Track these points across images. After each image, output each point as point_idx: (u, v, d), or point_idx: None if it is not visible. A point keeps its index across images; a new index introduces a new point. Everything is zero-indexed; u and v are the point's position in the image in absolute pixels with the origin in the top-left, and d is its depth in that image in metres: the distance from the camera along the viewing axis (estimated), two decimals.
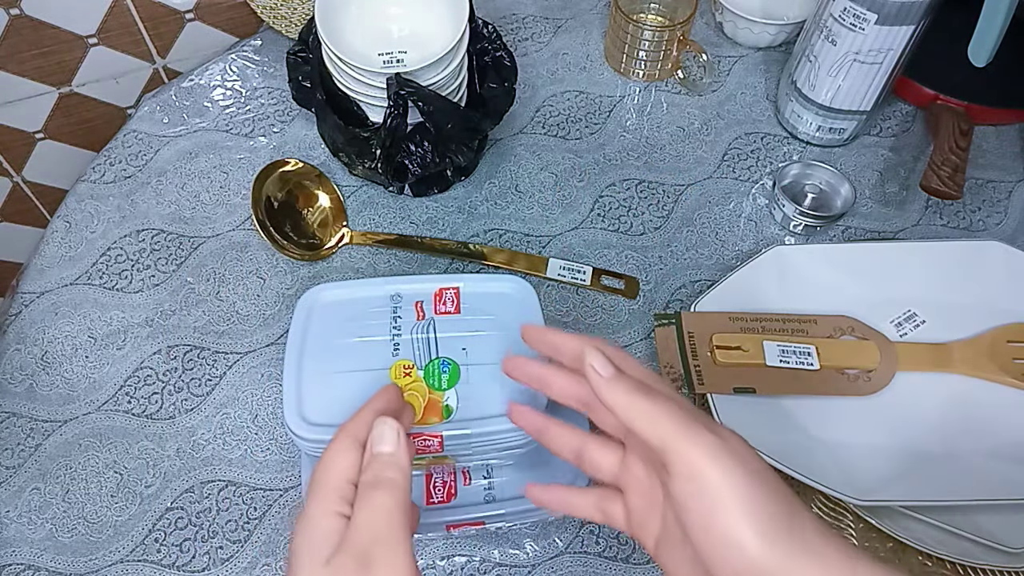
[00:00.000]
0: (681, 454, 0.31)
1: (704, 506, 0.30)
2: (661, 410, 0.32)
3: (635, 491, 0.36)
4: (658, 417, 0.31)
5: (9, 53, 0.71)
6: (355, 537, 0.32)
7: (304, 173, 0.68)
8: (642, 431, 0.32)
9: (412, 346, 0.46)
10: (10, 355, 0.60)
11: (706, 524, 0.30)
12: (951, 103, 0.71)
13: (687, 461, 0.30)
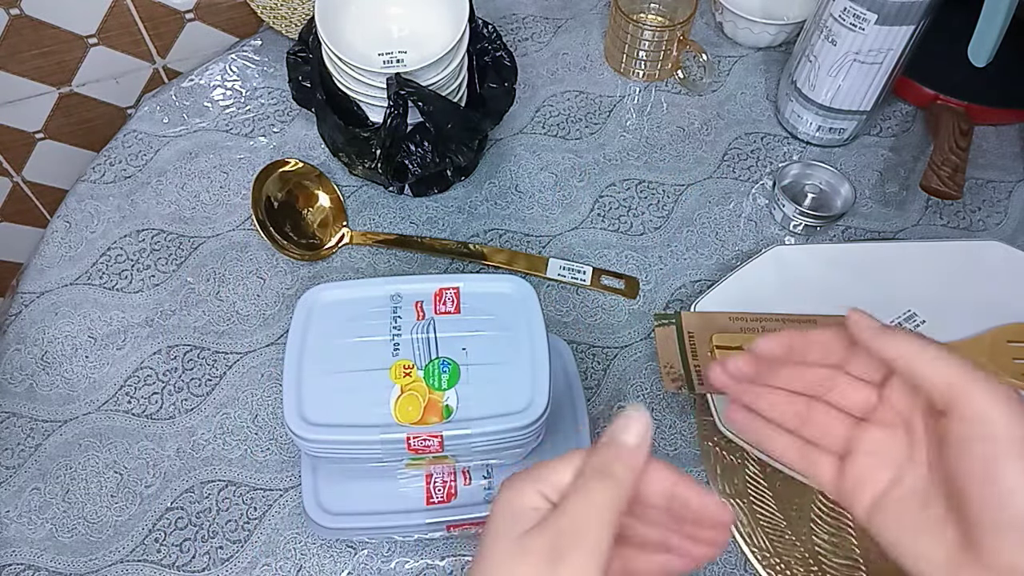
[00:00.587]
0: (971, 396, 0.31)
1: (989, 450, 0.30)
2: (947, 355, 0.32)
3: (866, 449, 0.36)
4: (945, 362, 0.32)
5: (9, 53, 0.71)
6: (558, 522, 0.30)
7: (304, 173, 0.68)
8: (928, 376, 0.32)
9: (412, 346, 0.46)
10: (10, 355, 0.60)
11: (987, 469, 0.30)
12: (951, 103, 0.71)
13: (977, 404, 0.31)
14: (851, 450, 0.36)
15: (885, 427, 0.36)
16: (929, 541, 0.33)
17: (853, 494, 0.36)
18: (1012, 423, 0.30)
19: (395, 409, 0.44)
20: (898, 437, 0.35)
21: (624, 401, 0.59)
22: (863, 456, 0.36)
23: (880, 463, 0.35)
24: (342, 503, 0.50)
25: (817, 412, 0.38)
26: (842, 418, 0.37)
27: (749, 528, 0.53)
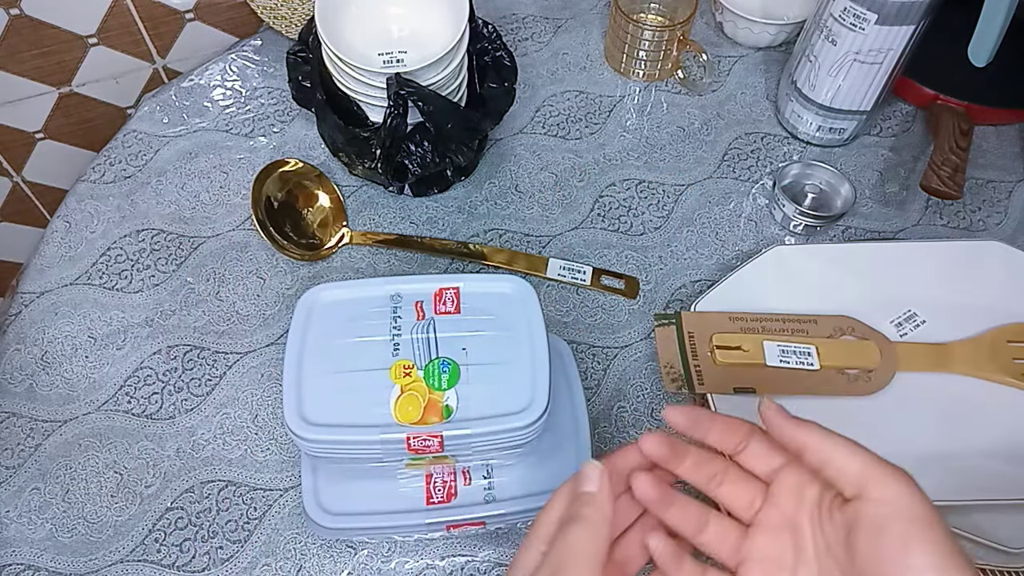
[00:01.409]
0: (884, 481, 0.33)
1: (905, 529, 0.32)
2: (855, 445, 0.34)
3: (757, 558, 0.37)
4: (855, 450, 0.34)
5: (9, 53, 0.71)
6: (543, 567, 0.34)
7: (304, 173, 0.68)
8: (840, 463, 0.34)
9: (412, 346, 0.46)
10: (10, 355, 0.60)
11: (905, 545, 0.31)
12: (951, 103, 0.71)
13: (891, 488, 0.33)
14: (743, 560, 0.37)
15: (771, 531, 0.37)
16: None
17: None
18: (922, 504, 0.32)
19: (395, 409, 0.44)
20: (784, 540, 0.36)
21: (624, 401, 0.59)
22: (755, 565, 0.37)
23: (772, 569, 0.36)
24: (342, 503, 0.50)
25: (711, 521, 0.38)
26: (732, 527, 0.38)
27: None
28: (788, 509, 0.36)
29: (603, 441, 0.57)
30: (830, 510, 0.35)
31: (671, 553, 0.37)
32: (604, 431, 0.58)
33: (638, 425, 0.58)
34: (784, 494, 0.37)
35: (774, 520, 0.37)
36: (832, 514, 0.35)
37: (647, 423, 0.58)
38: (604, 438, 0.58)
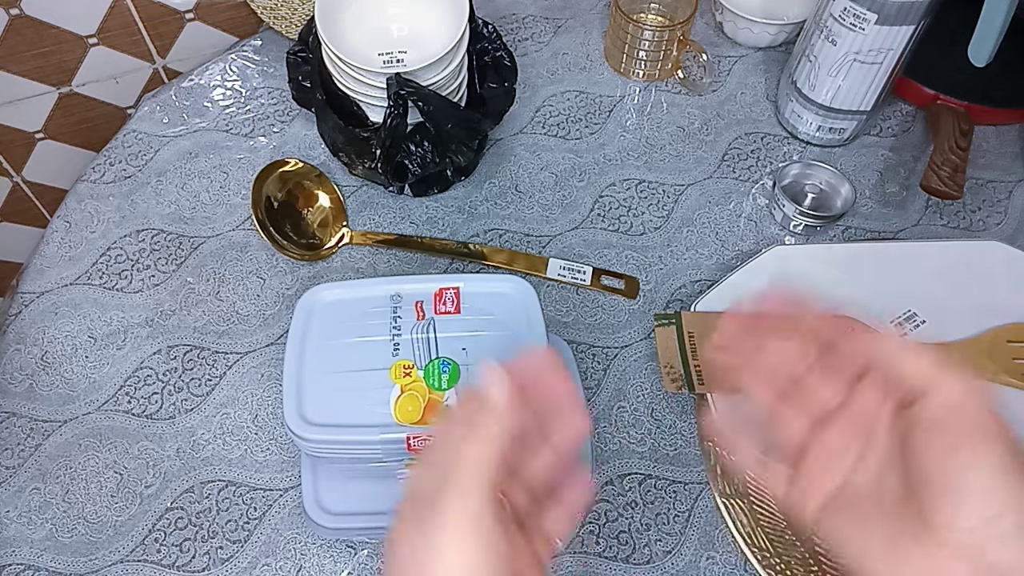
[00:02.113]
0: (945, 382, 0.33)
1: (959, 428, 0.32)
2: (925, 349, 0.34)
3: (819, 453, 0.37)
4: (923, 353, 0.34)
5: (9, 53, 0.71)
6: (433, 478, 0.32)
7: (304, 173, 0.68)
8: (909, 365, 0.34)
9: (412, 346, 0.46)
10: (10, 355, 0.60)
11: (956, 444, 0.32)
12: (951, 103, 0.71)
13: (950, 389, 0.33)
14: (804, 454, 0.37)
15: (842, 429, 0.37)
16: (875, 530, 0.34)
17: (804, 498, 0.37)
18: (981, 409, 0.32)
19: (395, 409, 0.44)
20: (851, 440, 0.36)
21: (624, 401, 0.59)
22: (815, 460, 0.37)
23: (832, 467, 0.36)
24: (342, 503, 0.50)
25: (782, 410, 0.39)
26: (803, 420, 0.38)
27: (749, 528, 0.53)
28: (864, 413, 0.36)
29: (603, 441, 0.57)
30: (898, 417, 0.35)
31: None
32: (604, 431, 0.58)
33: (638, 425, 0.58)
34: (864, 399, 0.36)
35: (847, 420, 0.37)
36: (898, 419, 0.35)
37: (647, 423, 0.58)
38: (604, 438, 0.58)
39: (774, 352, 0.39)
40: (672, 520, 0.55)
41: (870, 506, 0.35)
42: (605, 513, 0.55)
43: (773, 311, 0.39)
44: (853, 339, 0.37)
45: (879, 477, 0.35)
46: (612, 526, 0.54)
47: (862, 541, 0.34)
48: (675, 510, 0.55)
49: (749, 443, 0.39)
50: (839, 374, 0.38)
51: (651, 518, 0.55)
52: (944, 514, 0.31)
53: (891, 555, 0.33)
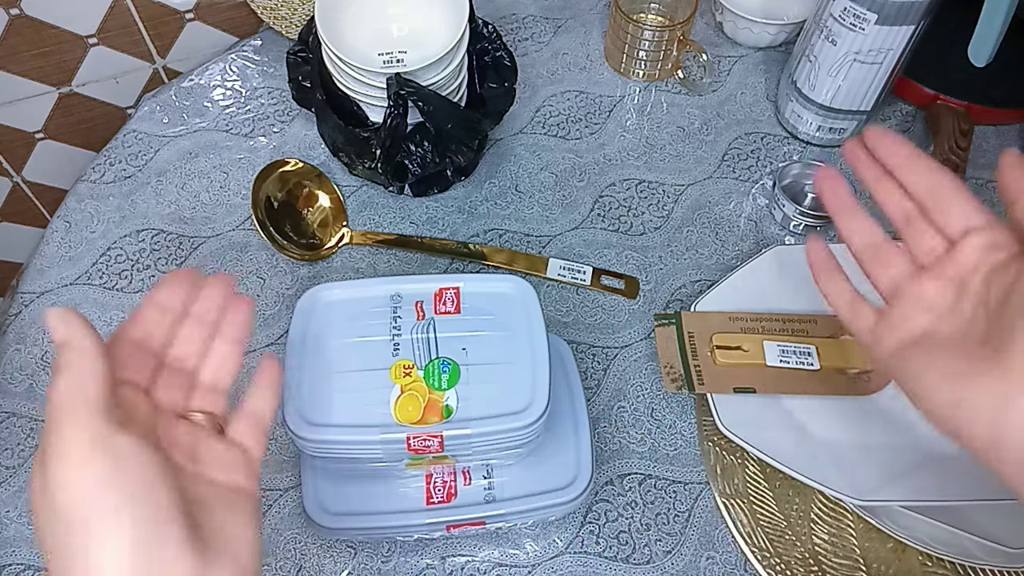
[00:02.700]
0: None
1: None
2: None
3: (913, 296, 0.38)
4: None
5: (9, 53, 0.71)
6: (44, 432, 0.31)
7: (304, 173, 0.68)
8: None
9: (412, 346, 0.46)
10: (10, 355, 0.60)
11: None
12: (951, 103, 0.71)
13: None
14: (899, 296, 0.38)
15: (940, 279, 0.37)
16: (944, 360, 0.34)
17: (887, 336, 0.38)
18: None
19: (395, 409, 0.44)
20: (948, 291, 0.37)
21: (624, 401, 0.59)
22: (908, 304, 0.38)
23: (922, 311, 0.37)
24: (342, 503, 0.50)
25: (886, 248, 0.40)
26: (905, 260, 0.39)
27: (749, 528, 0.53)
28: (966, 266, 0.37)
29: (603, 441, 0.57)
30: (1005, 272, 0.35)
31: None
32: (604, 431, 0.58)
33: (638, 425, 0.58)
34: (969, 252, 0.37)
35: (948, 272, 0.37)
36: (1005, 274, 0.35)
37: (647, 423, 0.58)
38: (604, 438, 0.58)
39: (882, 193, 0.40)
40: (672, 520, 0.55)
41: (949, 347, 0.35)
42: (605, 513, 0.55)
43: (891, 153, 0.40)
44: (962, 197, 0.37)
45: (968, 325, 0.35)
46: (612, 526, 0.54)
47: (930, 375, 0.34)
48: (675, 510, 0.55)
49: (842, 282, 0.41)
50: (947, 226, 0.38)
51: (651, 518, 0.55)
52: (1020, 343, 0.31)
53: (957, 384, 0.33)
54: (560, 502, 0.50)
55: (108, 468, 0.29)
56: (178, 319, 0.38)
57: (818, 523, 0.53)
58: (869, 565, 0.52)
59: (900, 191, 0.40)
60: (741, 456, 0.56)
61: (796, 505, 0.54)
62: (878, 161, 0.41)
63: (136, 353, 0.36)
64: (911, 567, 0.51)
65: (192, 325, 0.38)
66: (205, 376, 0.38)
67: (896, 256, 0.39)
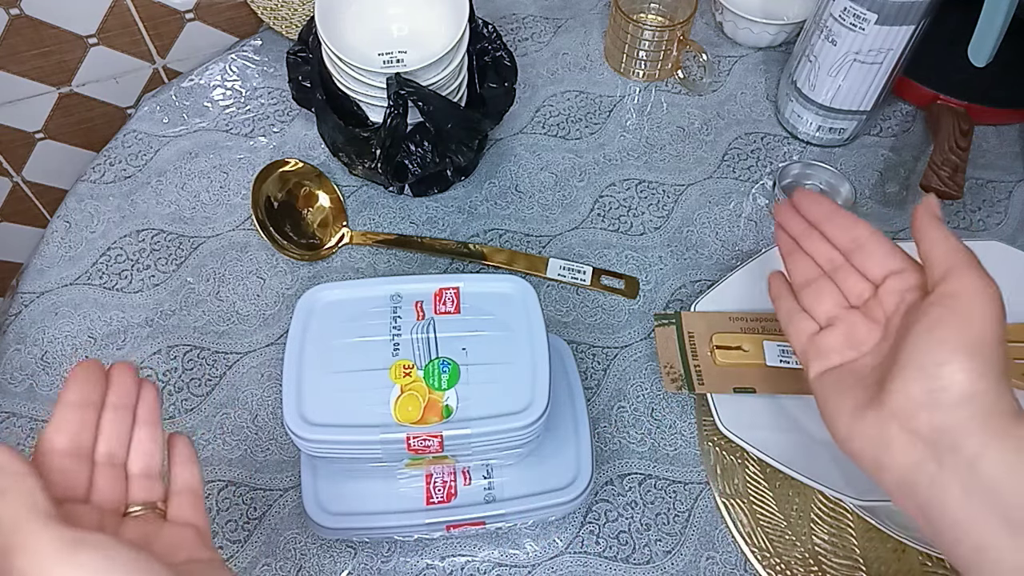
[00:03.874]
0: (959, 277, 0.35)
1: (937, 312, 0.34)
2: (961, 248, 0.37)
3: (843, 329, 0.41)
4: (956, 244, 0.37)
5: (9, 53, 0.71)
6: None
7: (304, 173, 0.68)
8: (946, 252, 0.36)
9: (412, 346, 0.46)
10: (10, 355, 0.60)
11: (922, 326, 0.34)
12: (951, 103, 0.71)
13: (961, 282, 0.35)
14: (831, 325, 0.41)
15: (868, 319, 0.40)
16: (851, 399, 0.37)
17: (814, 359, 0.41)
18: (982, 305, 0.34)
19: (395, 409, 0.44)
20: (874, 330, 0.40)
21: (624, 401, 0.59)
22: (838, 334, 0.40)
23: (850, 343, 0.40)
24: (342, 503, 0.50)
25: (821, 283, 0.43)
26: (837, 297, 0.42)
27: (749, 528, 0.53)
28: (889, 308, 0.39)
29: (603, 441, 0.57)
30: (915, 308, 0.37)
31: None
32: (604, 431, 0.58)
33: (638, 425, 0.58)
34: (889, 295, 0.39)
35: (876, 314, 0.40)
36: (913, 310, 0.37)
37: (647, 423, 0.58)
38: (604, 438, 0.58)
39: (811, 244, 0.43)
40: (672, 520, 0.55)
41: (859, 382, 0.38)
42: (605, 513, 0.55)
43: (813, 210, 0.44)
44: (881, 245, 0.40)
45: (882, 362, 0.37)
46: (612, 526, 0.54)
47: (837, 406, 0.38)
48: (675, 510, 0.55)
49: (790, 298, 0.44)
50: (869, 271, 0.41)
51: (651, 518, 0.55)
52: (896, 381, 0.34)
53: (852, 418, 0.36)
54: (560, 502, 0.50)
55: (98, 558, 0.29)
56: (95, 414, 0.37)
57: (818, 523, 0.53)
58: (869, 565, 0.52)
59: (826, 243, 0.43)
60: (741, 456, 0.56)
61: (796, 505, 0.54)
62: (805, 218, 0.44)
63: (68, 462, 0.36)
64: (911, 567, 0.51)
65: (111, 417, 0.37)
66: (135, 466, 0.38)
67: (833, 292, 0.42)
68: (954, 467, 0.32)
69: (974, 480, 0.31)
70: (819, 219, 0.43)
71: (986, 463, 0.31)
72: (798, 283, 0.44)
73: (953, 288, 0.35)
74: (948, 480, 0.32)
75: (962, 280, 0.35)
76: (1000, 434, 0.32)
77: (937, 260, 0.36)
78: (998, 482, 0.31)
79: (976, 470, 0.31)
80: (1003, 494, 0.31)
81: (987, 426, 0.32)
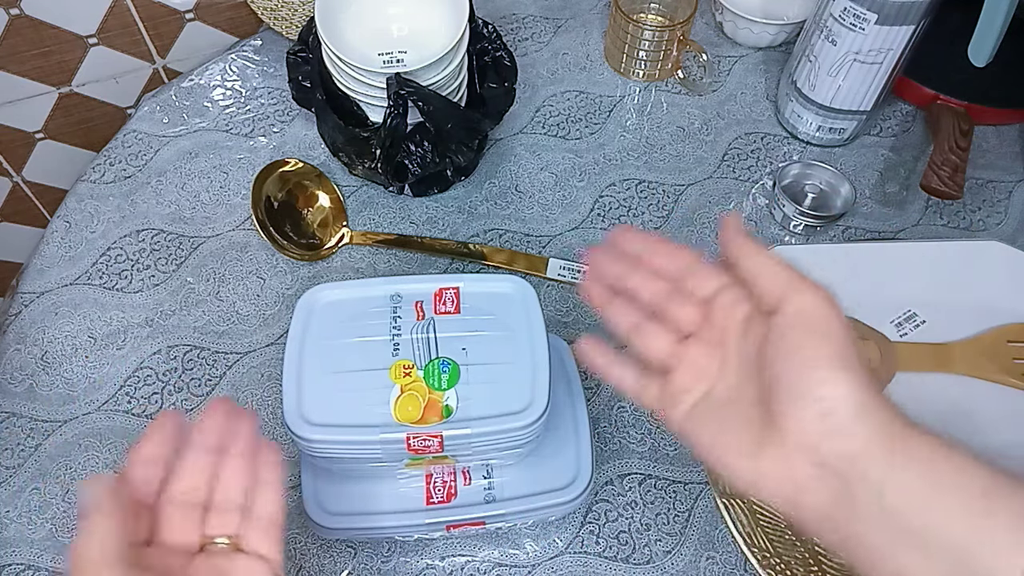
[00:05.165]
0: (798, 294, 0.35)
1: (797, 335, 0.34)
2: (781, 262, 0.37)
3: (686, 365, 0.39)
4: (782, 266, 0.36)
5: (9, 53, 0.71)
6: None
7: (304, 173, 0.68)
8: (767, 277, 0.36)
9: (412, 346, 0.46)
10: (10, 355, 0.60)
11: (787, 351, 0.34)
12: (951, 103, 0.71)
13: (803, 300, 0.35)
14: (673, 366, 0.39)
15: (705, 344, 0.39)
16: (734, 432, 0.36)
17: (671, 408, 0.39)
18: (829, 316, 0.34)
19: (395, 409, 0.44)
20: (715, 354, 0.38)
21: (624, 401, 0.59)
22: (682, 371, 0.39)
23: (697, 376, 0.39)
24: (342, 503, 0.50)
25: (646, 325, 0.41)
26: (667, 333, 0.40)
27: (749, 528, 0.53)
28: (722, 326, 0.38)
29: (603, 441, 0.57)
30: (752, 325, 0.37)
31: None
32: (604, 431, 0.58)
33: (638, 425, 0.58)
34: (719, 311, 0.38)
35: (709, 335, 0.39)
36: (753, 329, 0.37)
37: (647, 423, 0.58)
38: (604, 438, 0.58)
39: (634, 280, 0.41)
40: (672, 520, 0.55)
41: (731, 411, 0.37)
42: (605, 513, 0.55)
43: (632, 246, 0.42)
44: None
45: (738, 385, 0.37)
46: (612, 526, 0.54)
47: (724, 443, 0.36)
48: (675, 510, 0.55)
49: (623, 367, 0.41)
50: (697, 295, 0.40)
51: (651, 518, 0.55)
52: (785, 414, 0.33)
53: (751, 454, 0.35)
54: (560, 502, 0.50)
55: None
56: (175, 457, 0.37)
57: None
58: None
59: (651, 279, 0.41)
60: None
61: None
62: (626, 255, 0.42)
63: (144, 501, 0.36)
64: None
65: (195, 456, 0.37)
66: (217, 499, 0.37)
67: (661, 330, 0.40)
68: (866, 496, 0.32)
69: (884, 506, 0.31)
70: (643, 253, 0.41)
71: (891, 489, 0.31)
72: (626, 330, 0.41)
73: (798, 307, 0.34)
74: (864, 510, 0.32)
75: (804, 297, 0.35)
76: (900, 453, 0.32)
77: (767, 283, 0.36)
78: (905, 507, 0.31)
79: (884, 496, 0.31)
80: (910, 517, 0.31)
81: (886, 446, 0.32)
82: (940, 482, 0.31)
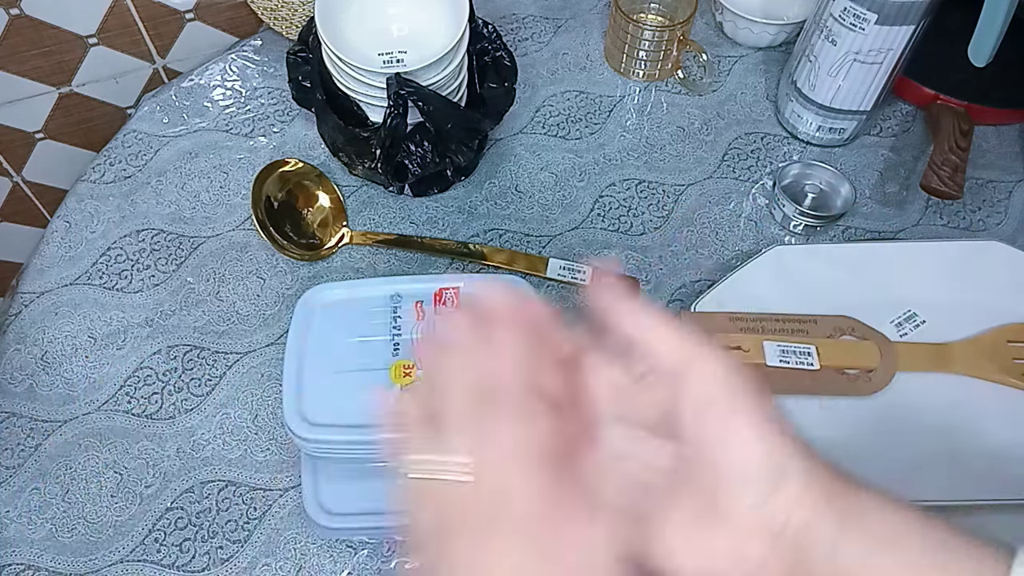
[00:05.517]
0: (705, 359, 0.33)
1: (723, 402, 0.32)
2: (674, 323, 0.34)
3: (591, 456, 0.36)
4: (676, 329, 0.34)
5: (9, 53, 0.71)
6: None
7: (304, 173, 0.68)
8: (663, 341, 0.34)
9: (412, 346, 0.46)
10: (10, 355, 0.60)
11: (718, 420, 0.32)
12: (951, 103, 0.71)
13: (712, 364, 0.33)
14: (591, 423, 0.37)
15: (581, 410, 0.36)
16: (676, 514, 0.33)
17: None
18: (742, 378, 0.32)
19: None
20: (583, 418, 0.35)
21: None
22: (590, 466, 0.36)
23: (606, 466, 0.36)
24: (342, 503, 0.50)
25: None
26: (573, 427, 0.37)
27: None
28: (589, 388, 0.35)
29: None
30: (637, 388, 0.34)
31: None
32: None
33: None
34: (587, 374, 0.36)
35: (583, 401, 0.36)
36: (641, 394, 0.34)
37: None
38: None
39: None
40: None
41: (658, 492, 0.33)
42: None
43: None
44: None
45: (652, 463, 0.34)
46: None
47: (663, 527, 0.33)
48: None
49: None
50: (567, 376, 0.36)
51: None
52: (728, 495, 0.32)
53: (697, 538, 0.32)
54: None
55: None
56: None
57: None
58: None
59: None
60: None
61: None
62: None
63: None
64: None
65: None
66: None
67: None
68: (822, 560, 0.31)
69: (838, 566, 0.31)
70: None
71: (843, 554, 0.31)
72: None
73: (704, 371, 0.33)
74: (819, 571, 0.31)
75: (706, 363, 0.33)
76: (848, 512, 0.32)
77: (668, 353, 0.34)
78: (858, 566, 0.31)
79: (837, 557, 0.31)
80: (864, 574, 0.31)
81: (834, 507, 0.31)
82: (889, 538, 0.31)
